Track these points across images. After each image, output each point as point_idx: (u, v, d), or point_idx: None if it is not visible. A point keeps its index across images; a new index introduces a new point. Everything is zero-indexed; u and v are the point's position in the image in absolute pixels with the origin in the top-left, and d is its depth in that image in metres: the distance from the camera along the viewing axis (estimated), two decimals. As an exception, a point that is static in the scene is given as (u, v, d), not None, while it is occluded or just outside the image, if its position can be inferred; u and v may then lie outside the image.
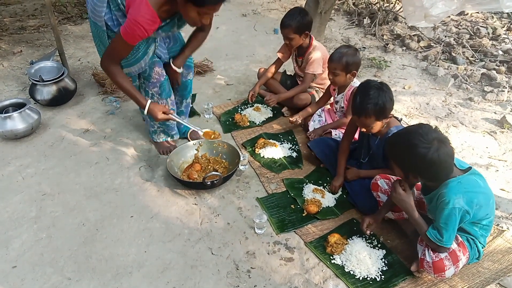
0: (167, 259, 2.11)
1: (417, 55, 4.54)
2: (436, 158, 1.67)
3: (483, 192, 1.84)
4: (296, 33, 3.03)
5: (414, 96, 3.74)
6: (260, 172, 2.72)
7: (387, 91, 2.17)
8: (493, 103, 3.63)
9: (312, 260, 2.12)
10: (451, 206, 1.72)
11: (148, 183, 2.61)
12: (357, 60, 2.66)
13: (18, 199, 2.46)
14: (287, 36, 3.08)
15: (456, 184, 1.77)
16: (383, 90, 2.16)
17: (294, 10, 3.08)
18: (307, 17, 3.06)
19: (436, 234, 1.80)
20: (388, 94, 2.17)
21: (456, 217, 1.73)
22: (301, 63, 3.28)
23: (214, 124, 3.24)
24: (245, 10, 5.88)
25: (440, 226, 1.78)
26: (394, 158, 1.87)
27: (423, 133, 1.72)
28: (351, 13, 5.74)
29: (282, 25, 3.08)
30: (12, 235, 2.23)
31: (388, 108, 2.18)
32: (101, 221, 2.32)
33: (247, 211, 2.42)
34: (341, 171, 2.55)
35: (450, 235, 1.78)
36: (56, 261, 2.09)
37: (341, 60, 2.61)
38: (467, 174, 1.82)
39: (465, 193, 1.75)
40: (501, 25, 5.36)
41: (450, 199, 1.73)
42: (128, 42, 2.13)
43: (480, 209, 1.80)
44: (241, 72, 4.10)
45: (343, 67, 2.62)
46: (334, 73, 2.67)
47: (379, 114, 2.16)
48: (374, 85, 2.18)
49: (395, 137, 1.91)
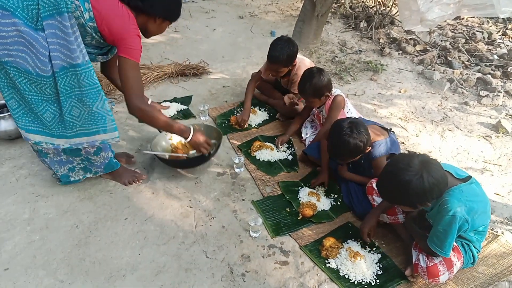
0: (161, 262, 2.09)
1: (413, 59, 4.55)
2: (432, 180, 1.67)
3: (481, 201, 1.84)
4: (285, 67, 3.00)
5: (410, 100, 3.75)
6: (255, 175, 2.71)
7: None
8: (489, 108, 3.65)
9: (307, 263, 2.11)
10: (451, 213, 1.71)
11: (142, 185, 2.59)
12: (323, 83, 2.69)
13: (11, 201, 2.44)
14: (276, 70, 3.01)
15: (458, 192, 1.76)
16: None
17: (281, 43, 2.91)
18: (294, 47, 2.95)
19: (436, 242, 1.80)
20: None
21: (456, 225, 1.72)
22: (287, 83, 3.27)
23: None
24: (242, 12, 5.88)
25: (439, 231, 1.77)
26: (398, 202, 1.85)
27: (406, 165, 1.70)
28: (347, 17, 5.76)
29: (271, 60, 2.95)
30: (5, 237, 2.20)
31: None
32: (94, 224, 2.30)
33: (242, 214, 2.41)
34: (325, 167, 2.60)
35: (450, 243, 1.77)
36: (49, 263, 2.07)
37: (309, 90, 2.70)
38: (467, 183, 1.81)
39: (466, 201, 1.74)
40: (496, 30, 5.40)
41: (451, 206, 1.72)
42: (138, 62, 2.03)
43: (478, 217, 1.80)
44: (237, 74, 4.10)
45: (313, 95, 2.73)
46: (308, 100, 2.83)
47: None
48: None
49: (385, 187, 1.85)
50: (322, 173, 2.60)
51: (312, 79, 2.67)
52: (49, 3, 1.79)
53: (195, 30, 5.23)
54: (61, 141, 2.12)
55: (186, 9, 5.96)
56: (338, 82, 4.03)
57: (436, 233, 1.80)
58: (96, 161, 2.41)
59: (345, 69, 4.24)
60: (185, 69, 3.98)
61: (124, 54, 1.99)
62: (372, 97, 3.78)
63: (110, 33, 1.97)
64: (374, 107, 3.61)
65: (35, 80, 1.90)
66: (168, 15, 2.18)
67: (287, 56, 2.91)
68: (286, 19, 5.70)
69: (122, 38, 1.98)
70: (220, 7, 6.13)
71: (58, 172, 2.39)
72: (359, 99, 3.71)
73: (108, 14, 1.94)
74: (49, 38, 1.82)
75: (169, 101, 3.51)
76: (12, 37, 1.78)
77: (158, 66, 3.99)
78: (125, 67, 2.01)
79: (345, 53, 4.66)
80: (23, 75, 1.88)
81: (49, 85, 1.94)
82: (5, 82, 1.89)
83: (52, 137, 2.10)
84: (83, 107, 2.04)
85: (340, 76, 4.09)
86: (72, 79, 1.94)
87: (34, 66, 1.86)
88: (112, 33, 1.97)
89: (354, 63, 4.40)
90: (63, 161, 2.34)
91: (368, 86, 3.97)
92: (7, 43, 1.79)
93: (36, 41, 1.81)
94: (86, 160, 2.38)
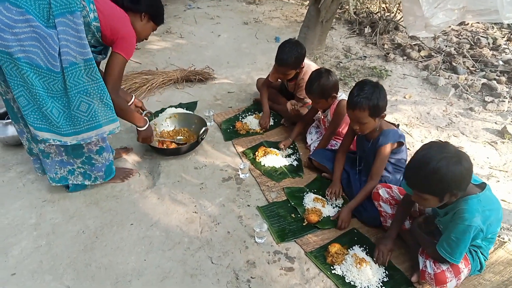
0: (166, 267, 2.10)
1: (417, 65, 4.55)
2: (466, 168, 1.64)
3: (496, 208, 1.83)
4: (293, 69, 3.02)
5: (414, 106, 3.75)
6: (260, 180, 2.72)
7: (381, 89, 2.25)
8: (494, 113, 3.64)
9: (313, 270, 2.11)
10: (467, 223, 1.70)
11: (148, 190, 2.61)
12: (331, 84, 2.69)
13: (18, 206, 2.46)
14: (284, 73, 3.04)
15: (476, 202, 1.74)
16: (378, 87, 2.24)
17: (289, 46, 2.94)
18: (302, 49, 2.97)
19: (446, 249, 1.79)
20: (382, 92, 2.24)
21: (470, 234, 1.72)
22: (293, 87, 3.28)
23: (215, 132, 3.24)
24: (247, 18, 5.91)
25: (451, 239, 1.76)
26: (427, 189, 1.73)
27: (442, 149, 1.67)
28: (352, 22, 5.78)
29: (279, 62, 2.98)
30: (12, 242, 2.22)
31: (381, 106, 2.23)
32: (101, 229, 2.32)
33: (247, 219, 2.41)
34: (337, 178, 2.59)
35: (462, 251, 1.77)
36: (55, 268, 2.08)
37: (317, 90, 2.70)
38: (485, 190, 1.80)
39: (483, 211, 1.73)
40: (501, 36, 5.39)
41: (468, 216, 1.71)
42: (127, 59, 2.23)
43: (491, 225, 1.80)
44: (242, 80, 4.11)
45: (320, 95, 2.72)
46: (314, 101, 2.81)
47: (372, 109, 2.21)
48: (369, 82, 2.28)
49: (416, 172, 1.74)
50: (335, 183, 2.58)
51: (320, 79, 2.67)
52: (61, 2, 1.91)
53: (200, 36, 5.27)
54: (68, 138, 2.19)
55: (191, 15, 6.01)
56: (342, 87, 4.04)
57: (447, 240, 1.79)
58: (98, 161, 2.44)
59: (350, 75, 4.25)
60: (190, 75, 4.00)
61: (119, 51, 2.18)
62: (377, 103, 3.77)
63: (112, 33, 2.14)
64: (379, 112, 3.61)
65: (45, 75, 1.97)
66: (152, 11, 2.36)
67: (295, 58, 2.93)
68: (291, 25, 5.72)
69: (122, 37, 2.17)
70: (225, 13, 6.17)
71: (57, 174, 2.42)
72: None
73: (110, 15, 2.11)
74: (60, 34, 1.94)
75: (175, 106, 3.54)
76: (25, 33, 1.87)
77: (163, 72, 4.02)
78: (116, 61, 2.19)
79: (350, 59, 4.67)
80: (34, 70, 1.94)
81: (57, 80, 2.01)
82: (16, 79, 1.95)
83: (59, 135, 2.17)
84: (93, 100, 2.13)
85: (345, 81, 4.10)
86: (82, 73, 2.05)
87: (45, 61, 1.94)
88: (113, 33, 2.14)
89: (358, 68, 4.41)
90: (64, 162, 2.38)
91: (373, 92, 3.97)
92: (21, 39, 1.87)
93: (50, 36, 1.91)
94: (87, 162, 2.41)
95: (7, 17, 1.82)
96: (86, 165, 2.43)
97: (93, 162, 2.43)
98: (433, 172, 1.65)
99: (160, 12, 2.43)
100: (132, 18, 2.28)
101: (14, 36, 1.85)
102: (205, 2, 6.65)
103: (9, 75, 1.93)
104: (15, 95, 2.00)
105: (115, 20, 2.13)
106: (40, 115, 2.07)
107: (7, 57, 1.87)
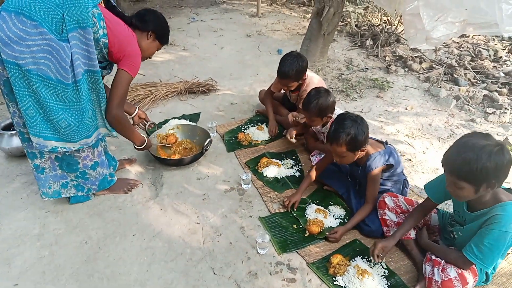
0: (169, 278, 2.10)
1: (419, 76, 4.58)
2: (508, 156, 1.61)
3: None
4: (295, 81, 3.05)
5: (416, 117, 3.76)
6: (263, 191, 2.73)
7: (361, 123, 2.23)
8: (495, 125, 3.65)
9: (315, 281, 2.11)
10: (504, 229, 1.69)
11: (151, 201, 2.62)
12: (329, 104, 2.71)
13: (22, 216, 2.47)
14: (286, 85, 3.07)
15: None
16: (357, 122, 2.22)
17: (290, 59, 2.98)
18: (304, 62, 3.01)
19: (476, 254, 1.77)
20: (361, 127, 2.22)
21: (505, 240, 1.71)
22: (296, 98, 3.31)
23: (217, 143, 3.27)
24: (250, 31, 5.99)
25: (484, 245, 1.75)
26: (465, 175, 1.65)
27: (485, 137, 1.64)
28: (353, 35, 5.83)
29: (281, 75, 3.02)
30: (15, 253, 2.23)
31: (360, 140, 2.21)
32: (103, 239, 2.33)
33: (249, 230, 2.41)
34: (301, 189, 2.59)
35: (494, 257, 1.76)
36: (58, 279, 2.09)
37: (314, 109, 2.71)
38: None
39: None
40: (502, 48, 5.43)
41: (506, 222, 1.69)
42: (133, 76, 2.28)
43: None
44: (245, 92, 4.15)
45: (317, 114, 2.74)
46: (310, 119, 2.81)
47: (350, 144, 2.21)
48: (349, 116, 2.27)
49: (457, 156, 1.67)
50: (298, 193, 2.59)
51: (319, 98, 2.69)
52: (74, 17, 1.97)
53: (203, 48, 5.33)
54: (73, 145, 2.23)
55: (194, 28, 6.09)
56: (344, 99, 4.07)
57: (478, 246, 1.78)
58: (92, 176, 2.46)
59: (352, 87, 4.28)
60: (193, 87, 4.04)
61: (126, 68, 2.23)
62: (378, 114, 3.80)
63: (118, 51, 2.18)
64: (381, 124, 3.63)
65: (55, 87, 2.01)
66: (158, 31, 2.44)
67: (296, 71, 2.97)
68: (293, 38, 5.79)
69: (129, 56, 2.22)
70: (228, 25, 6.25)
71: (51, 188, 2.43)
72: (366, 116, 3.73)
73: (119, 33, 2.16)
74: (73, 48, 1.99)
75: (178, 118, 3.57)
76: (38, 45, 1.91)
77: (167, 84, 4.07)
78: (122, 79, 2.24)
79: (352, 71, 4.71)
80: (44, 82, 1.98)
81: (68, 91, 2.05)
82: (24, 90, 1.99)
83: (66, 142, 2.21)
84: (98, 108, 2.24)
85: (347, 93, 4.13)
86: (90, 84, 2.13)
87: (56, 73, 1.98)
88: (120, 50, 2.19)
89: (360, 80, 4.44)
90: (57, 176, 2.41)
91: (375, 103, 4.00)
92: (33, 51, 1.91)
93: (63, 49, 1.96)
94: (81, 176, 2.43)
95: (20, 29, 1.87)
96: (80, 179, 2.45)
97: (87, 177, 2.46)
98: (475, 158, 1.59)
99: (166, 32, 2.50)
100: (138, 36, 2.35)
101: (27, 48, 1.89)
102: (208, 15, 6.75)
103: (17, 86, 1.96)
104: (22, 108, 2.02)
105: (122, 38, 2.18)
106: (48, 124, 2.11)
107: (16, 68, 1.91)
